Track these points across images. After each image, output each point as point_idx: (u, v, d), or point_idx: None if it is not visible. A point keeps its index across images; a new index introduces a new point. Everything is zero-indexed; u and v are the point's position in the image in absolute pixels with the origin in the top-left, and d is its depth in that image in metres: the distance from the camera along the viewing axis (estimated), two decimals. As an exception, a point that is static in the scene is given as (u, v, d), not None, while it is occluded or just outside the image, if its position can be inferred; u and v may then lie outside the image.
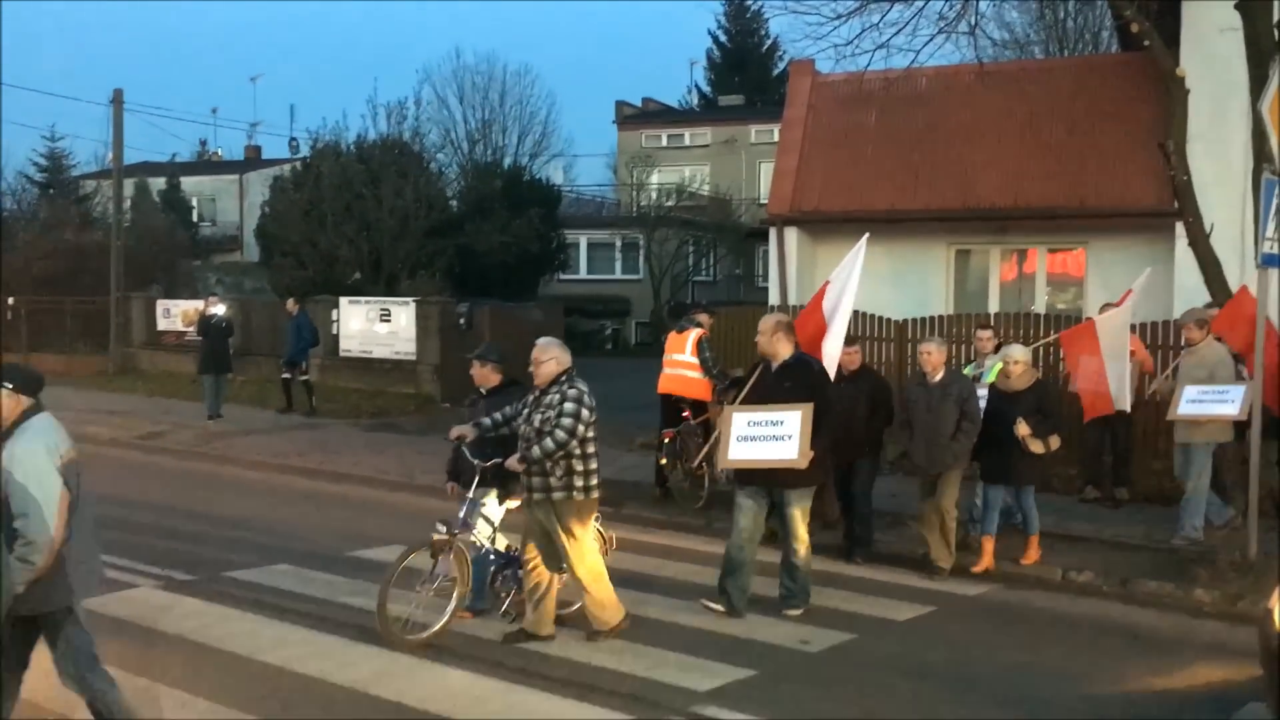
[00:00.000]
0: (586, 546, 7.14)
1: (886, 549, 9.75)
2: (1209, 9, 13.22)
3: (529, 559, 7.22)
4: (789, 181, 16.90)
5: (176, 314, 25.48)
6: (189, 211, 42.47)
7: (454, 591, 7.21)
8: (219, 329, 18.28)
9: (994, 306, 15.87)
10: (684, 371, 11.61)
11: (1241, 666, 6.77)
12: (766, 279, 22.60)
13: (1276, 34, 10.85)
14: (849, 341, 9.76)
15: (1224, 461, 10.26)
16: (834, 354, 9.26)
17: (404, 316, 21.64)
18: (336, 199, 25.82)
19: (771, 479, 7.78)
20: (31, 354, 26.87)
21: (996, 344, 10.82)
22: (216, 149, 52.18)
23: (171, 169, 44.07)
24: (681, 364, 11.65)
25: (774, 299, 16.60)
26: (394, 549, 7.74)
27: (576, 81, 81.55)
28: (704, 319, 12.02)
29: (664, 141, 45.27)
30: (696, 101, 54.57)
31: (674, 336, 11.95)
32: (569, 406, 6.91)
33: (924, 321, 14.11)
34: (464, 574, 7.25)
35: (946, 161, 16.19)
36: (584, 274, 38.10)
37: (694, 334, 11.63)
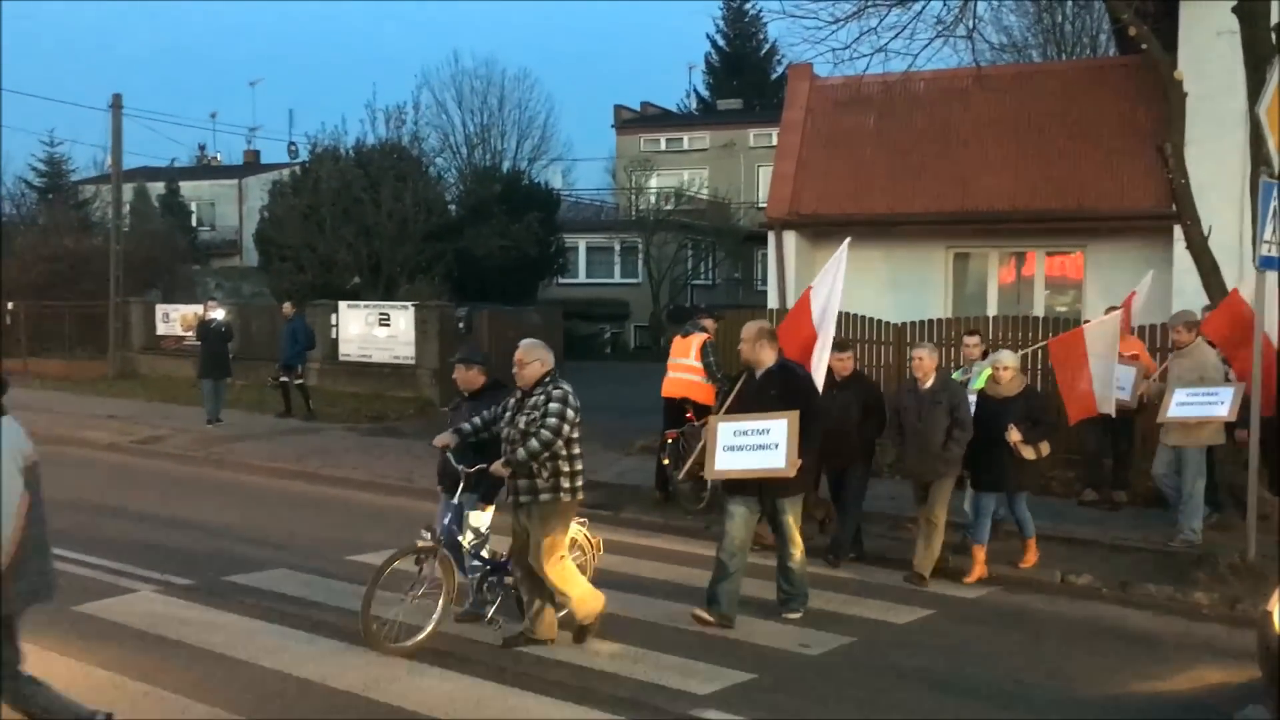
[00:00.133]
0: (559, 547, 7.04)
1: (885, 552, 9.75)
2: (1207, 12, 13.23)
3: (519, 568, 7.17)
4: (787, 185, 16.91)
5: (176, 318, 25.50)
6: (188, 216, 42.52)
7: (439, 598, 7.11)
8: (218, 333, 18.29)
9: (992, 310, 15.88)
10: (688, 375, 11.63)
11: (1240, 669, 6.79)
12: (765, 282, 22.64)
13: (1274, 37, 10.87)
14: (842, 347, 9.75)
15: (1213, 463, 10.28)
16: (824, 362, 9.18)
17: (403, 321, 21.66)
18: (335, 203, 25.84)
19: (762, 488, 7.72)
20: (31, 358, 26.96)
21: (984, 350, 10.80)
22: (215, 154, 52.27)
23: (170, 174, 44.12)
24: (686, 368, 11.68)
25: (773, 302, 16.61)
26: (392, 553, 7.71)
27: (575, 86, 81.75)
28: (708, 323, 12.05)
29: (662, 145, 45.34)
30: (695, 105, 54.68)
31: (679, 341, 11.97)
32: (554, 407, 6.85)
33: (922, 325, 14.13)
34: (450, 581, 7.15)
35: (945, 165, 16.21)
36: (583, 278, 38.14)
37: (698, 338, 11.64)
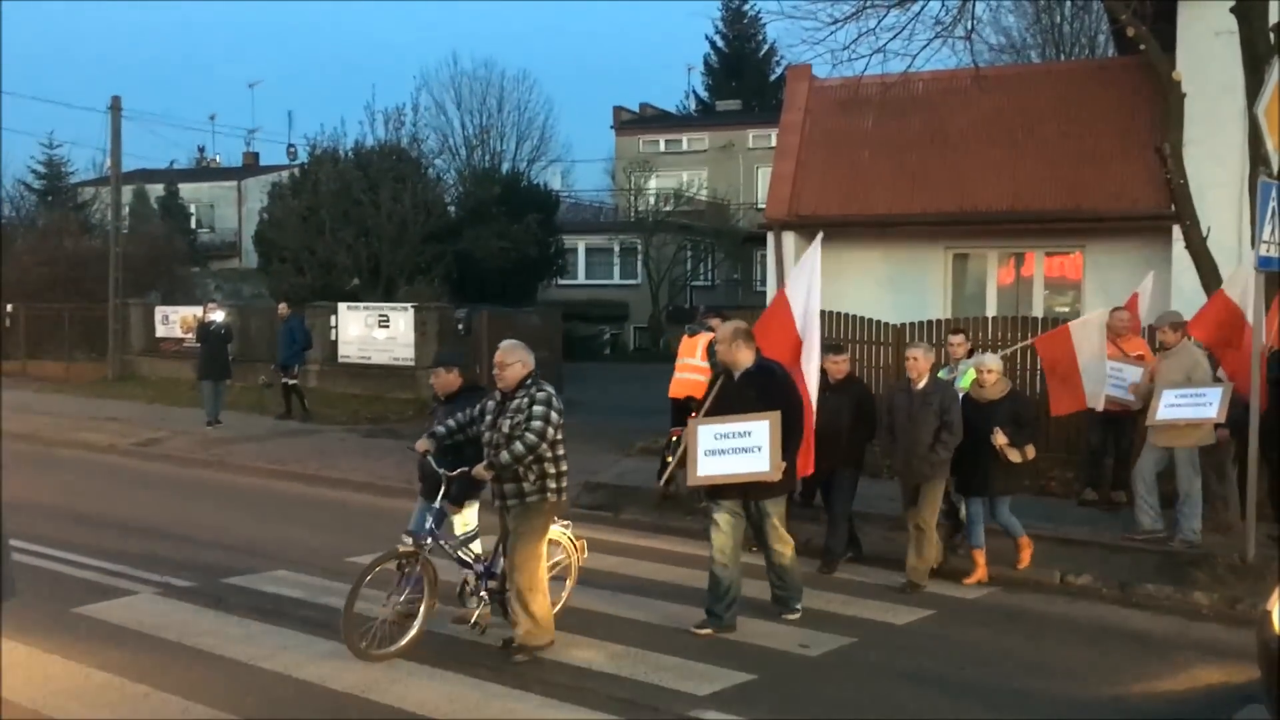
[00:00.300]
0: (537, 552, 6.95)
1: (884, 553, 9.73)
2: (1205, 12, 13.25)
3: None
4: (786, 186, 16.92)
5: (175, 320, 25.50)
6: (187, 218, 42.51)
7: (422, 603, 7.02)
8: (218, 335, 18.30)
9: (991, 310, 15.89)
10: (696, 375, 11.61)
11: (1240, 669, 6.79)
12: (764, 283, 22.67)
13: (1272, 37, 10.88)
14: (838, 350, 9.66)
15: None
16: (815, 368, 8.89)
17: (402, 322, 21.66)
18: (335, 205, 25.83)
19: (744, 491, 7.56)
20: (30, 361, 26.97)
21: (970, 349, 10.75)
22: (215, 155, 52.28)
23: (170, 175, 44.16)
24: (693, 368, 11.68)
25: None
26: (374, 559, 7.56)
27: (574, 87, 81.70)
28: (715, 323, 12.01)
29: (662, 146, 45.35)
30: (694, 106, 54.69)
31: (686, 340, 11.99)
32: (538, 410, 6.75)
33: (921, 326, 14.13)
34: (432, 585, 7.06)
35: (943, 165, 16.22)
36: (582, 279, 38.14)
37: (705, 338, 11.63)
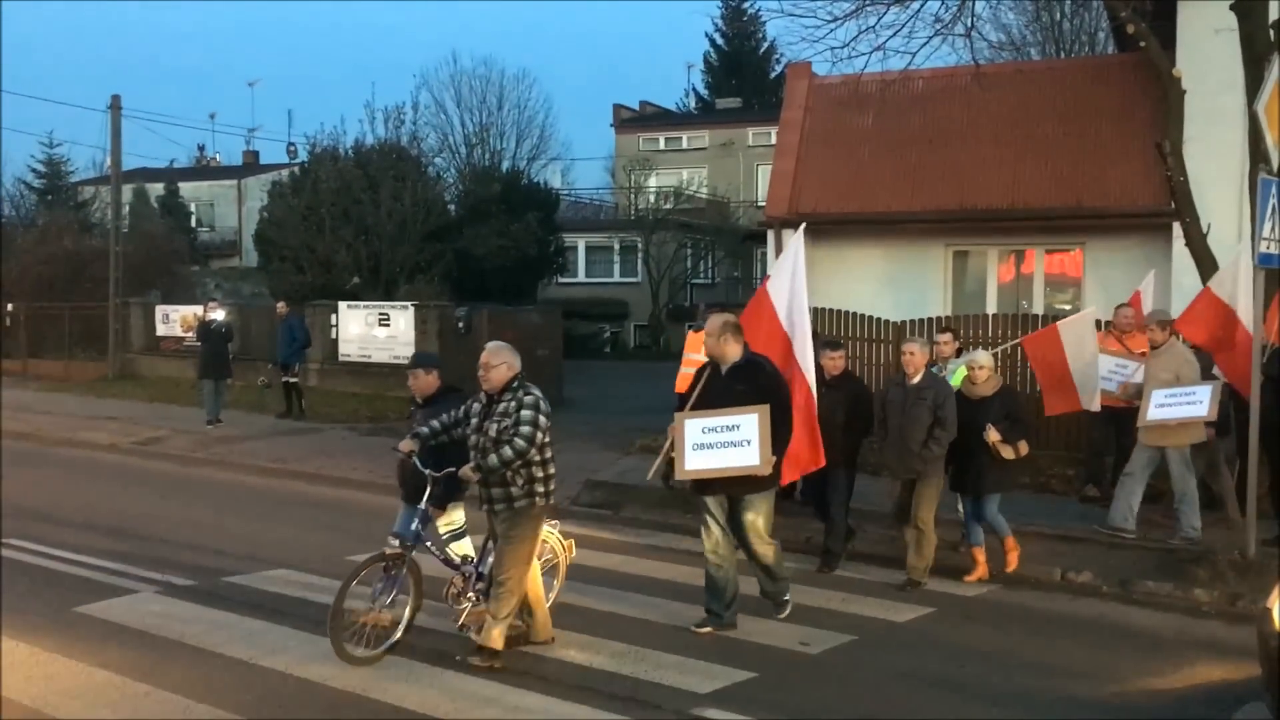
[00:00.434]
0: (525, 557, 6.88)
1: (884, 551, 9.73)
2: (1205, 10, 13.23)
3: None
4: (786, 184, 16.91)
5: (175, 319, 25.51)
6: (187, 217, 42.54)
7: (407, 606, 6.98)
8: (218, 334, 18.30)
9: (992, 307, 15.88)
10: None
11: (1241, 666, 6.79)
12: (765, 281, 22.65)
13: (1272, 34, 10.88)
14: (834, 346, 9.60)
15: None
16: (810, 363, 8.69)
17: (402, 321, 21.66)
18: (335, 204, 25.86)
19: (731, 485, 7.45)
20: (31, 360, 26.97)
21: (958, 348, 10.69)
22: (215, 154, 52.33)
23: (170, 174, 44.17)
24: (699, 364, 11.64)
25: (772, 301, 16.58)
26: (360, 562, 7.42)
27: (574, 85, 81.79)
28: None
29: (661, 144, 45.37)
30: (694, 104, 54.71)
31: (692, 336, 11.97)
32: (527, 414, 6.67)
33: (921, 323, 14.12)
34: (417, 588, 7.01)
35: (943, 163, 16.21)
36: (582, 277, 38.15)
37: None
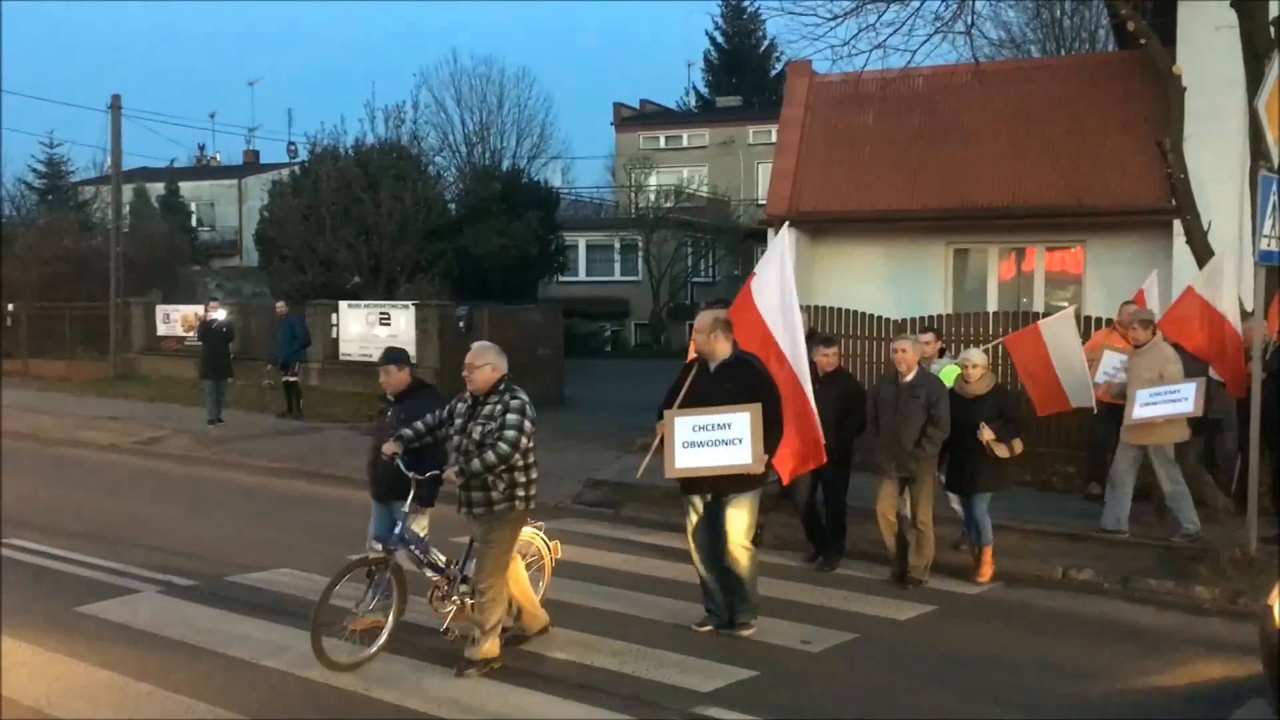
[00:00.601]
0: (504, 563, 6.82)
1: (884, 550, 9.69)
2: (1205, 7, 13.22)
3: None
4: (787, 182, 16.91)
5: (176, 319, 25.51)
6: (188, 216, 42.55)
7: (391, 610, 6.93)
8: (219, 334, 18.31)
9: (992, 305, 15.87)
10: None
11: (1242, 663, 6.80)
12: (765, 280, 22.64)
13: (1272, 31, 10.88)
14: (828, 342, 9.56)
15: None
16: (803, 360, 8.61)
17: (403, 320, 21.66)
18: (335, 203, 25.86)
19: (718, 483, 7.35)
20: (31, 360, 26.97)
21: (941, 348, 10.59)
22: (215, 154, 52.34)
23: (170, 174, 44.16)
24: None
25: (773, 299, 16.58)
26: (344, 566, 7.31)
27: (574, 84, 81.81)
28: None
29: (662, 143, 45.37)
30: (694, 103, 54.71)
31: None
32: (512, 419, 6.58)
33: (921, 321, 14.11)
34: (401, 591, 6.96)
35: (944, 161, 16.20)
36: (583, 276, 38.16)
37: None
